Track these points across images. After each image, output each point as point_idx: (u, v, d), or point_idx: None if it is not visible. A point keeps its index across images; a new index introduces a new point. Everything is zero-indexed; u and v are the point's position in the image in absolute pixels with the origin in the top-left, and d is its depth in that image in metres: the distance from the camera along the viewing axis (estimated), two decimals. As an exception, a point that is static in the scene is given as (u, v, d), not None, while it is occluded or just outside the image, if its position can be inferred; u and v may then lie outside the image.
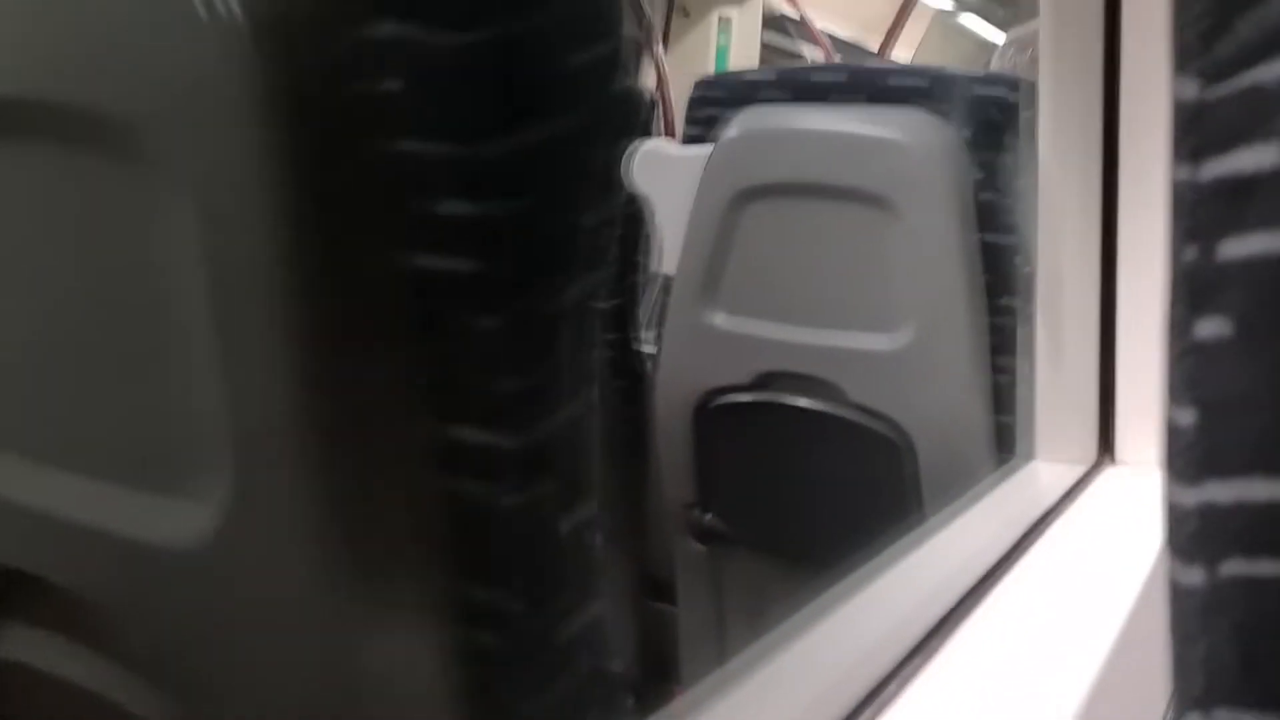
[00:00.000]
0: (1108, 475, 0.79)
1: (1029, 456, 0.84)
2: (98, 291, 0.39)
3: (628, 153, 1.27)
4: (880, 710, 0.42)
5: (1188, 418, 0.28)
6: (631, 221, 1.24)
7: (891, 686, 0.43)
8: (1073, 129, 0.88)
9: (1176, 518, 0.28)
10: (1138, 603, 0.55)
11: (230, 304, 0.36)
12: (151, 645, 0.41)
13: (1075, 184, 0.87)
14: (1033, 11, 0.98)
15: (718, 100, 1.14)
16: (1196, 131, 0.27)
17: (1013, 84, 1.00)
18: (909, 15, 3.28)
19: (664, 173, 1.15)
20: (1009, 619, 0.54)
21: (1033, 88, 0.92)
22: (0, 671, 0.47)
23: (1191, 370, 0.28)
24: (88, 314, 0.40)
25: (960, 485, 0.85)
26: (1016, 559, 0.58)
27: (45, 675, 0.45)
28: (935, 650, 0.49)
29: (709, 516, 1.25)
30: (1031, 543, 0.61)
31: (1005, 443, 1.00)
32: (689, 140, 1.17)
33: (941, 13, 4.00)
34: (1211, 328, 0.27)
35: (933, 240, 1.01)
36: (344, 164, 0.36)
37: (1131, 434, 0.81)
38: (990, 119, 1.00)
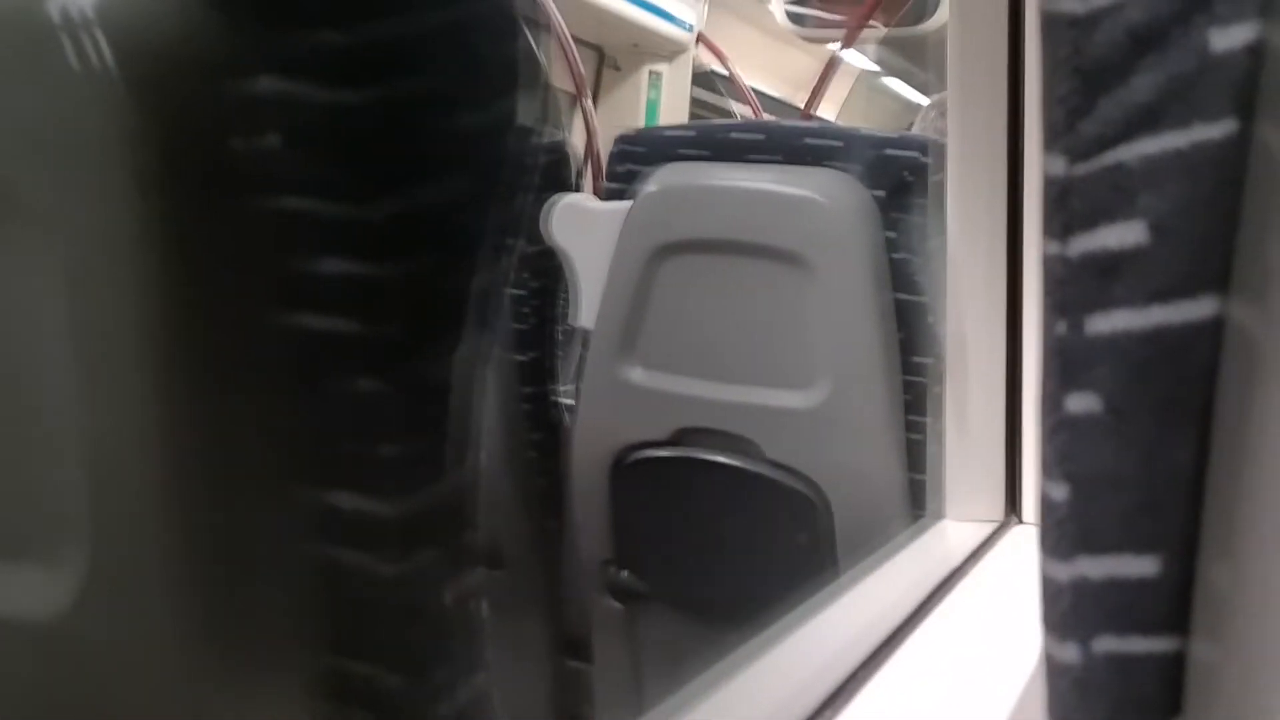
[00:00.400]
0: (1014, 534, 0.80)
1: (939, 515, 0.85)
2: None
3: (546, 206, 1.27)
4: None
5: (1060, 493, 0.28)
6: (550, 275, 1.24)
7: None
8: (979, 193, 0.90)
9: (1051, 593, 0.28)
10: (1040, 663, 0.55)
11: (96, 365, 0.35)
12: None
13: (982, 247, 0.89)
14: (943, 66, 1.00)
15: (637, 156, 1.15)
16: (1065, 208, 0.27)
17: (924, 146, 1.02)
18: (834, 75, 3.35)
19: (583, 227, 1.15)
20: (916, 675, 0.54)
21: (943, 150, 0.94)
22: None
23: (1063, 445, 0.28)
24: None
25: (874, 542, 0.85)
26: (924, 615, 0.58)
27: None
28: (845, 703, 0.49)
29: (625, 574, 1.23)
30: (939, 600, 0.62)
31: (918, 500, 1.00)
32: (609, 195, 1.17)
33: (866, 73, 4.10)
34: (1081, 403, 0.27)
35: (847, 298, 1.02)
36: (221, 220, 0.35)
37: (1037, 494, 0.82)
38: (902, 180, 1.02)
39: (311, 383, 0.35)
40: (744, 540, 1.13)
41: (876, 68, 4.13)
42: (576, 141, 2.76)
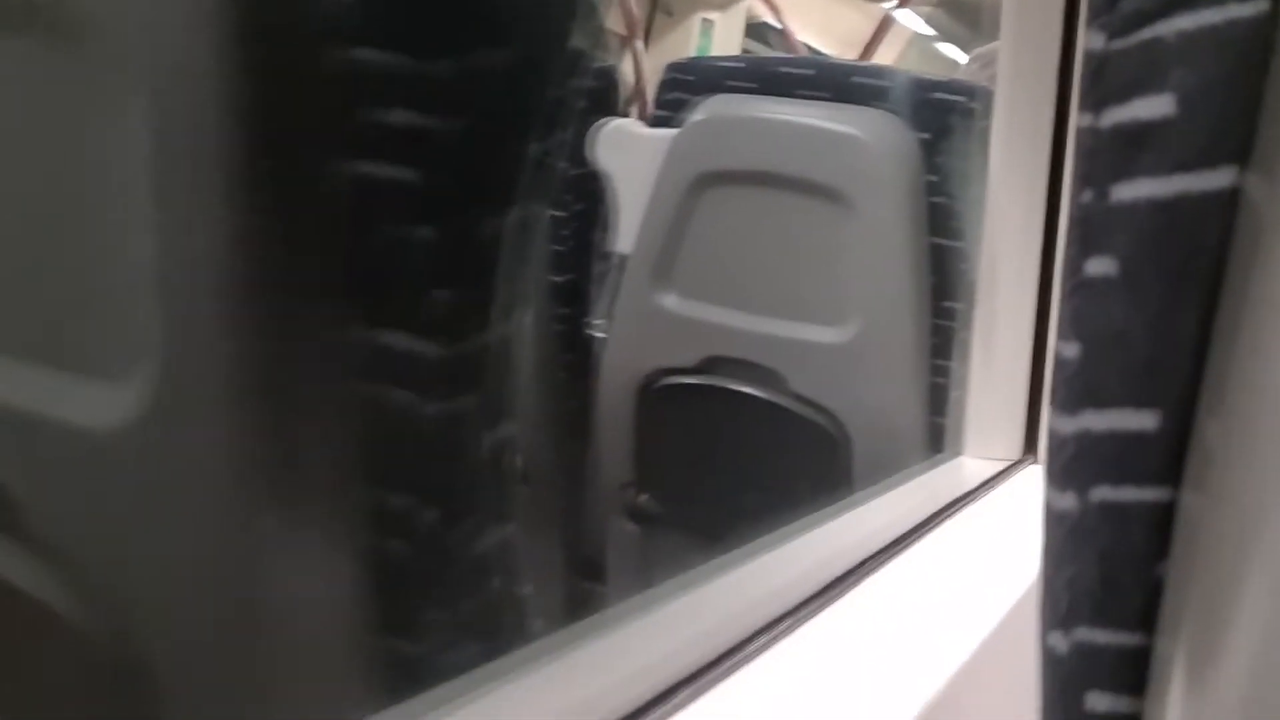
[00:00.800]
0: (1029, 471, 0.81)
1: (957, 452, 0.86)
2: (32, 172, 0.40)
3: (593, 129, 1.28)
4: (768, 646, 0.43)
5: (1072, 351, 0.30)
6: (591, 199, 1.26)
7: (784, 625, 0.44)
8: (1023, 141, 0.91)
9: (1055, 445, 0.30)
10: (1031, 586, 0.56)
11: (168, 193, 0.37)
12: (60, 531, 0.41)
13: (1021, 193, 0.90)
14: (997, 32, 1.00)
15: (687, 84, 1.15)
16: (1100, 82, 0.28)
17: (973, 92, 1.02)
18: (886, 35, 3.32)
19: (629, 151, 1.16)
20: (912, 581, 0.56)
21: (991, 98, 0.95)
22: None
23: (1078, 306, 0.29)
24: (19, 195, 0.40)
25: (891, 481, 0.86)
26: (928, 531, 0.60)
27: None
28: (840, 596, 0.51)
29: (644, 497, 1.26)
30: (945, 520, 0.63)
31: (938, 443, 1.02)
32: (657, 122, 1.18)
33: (919, 36, 4.05)
34: (1099, 267, 0.29)
35: (884, 238, 1.03)
36: (294, 65, 0.37)
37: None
38: (949, 124, 1.02)
39: (372, 227, 0.37)
40: (762, 471, 1.16)
41: (930, 31, 4.08)
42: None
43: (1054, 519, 0.30)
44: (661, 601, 0.46)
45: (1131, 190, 0.28)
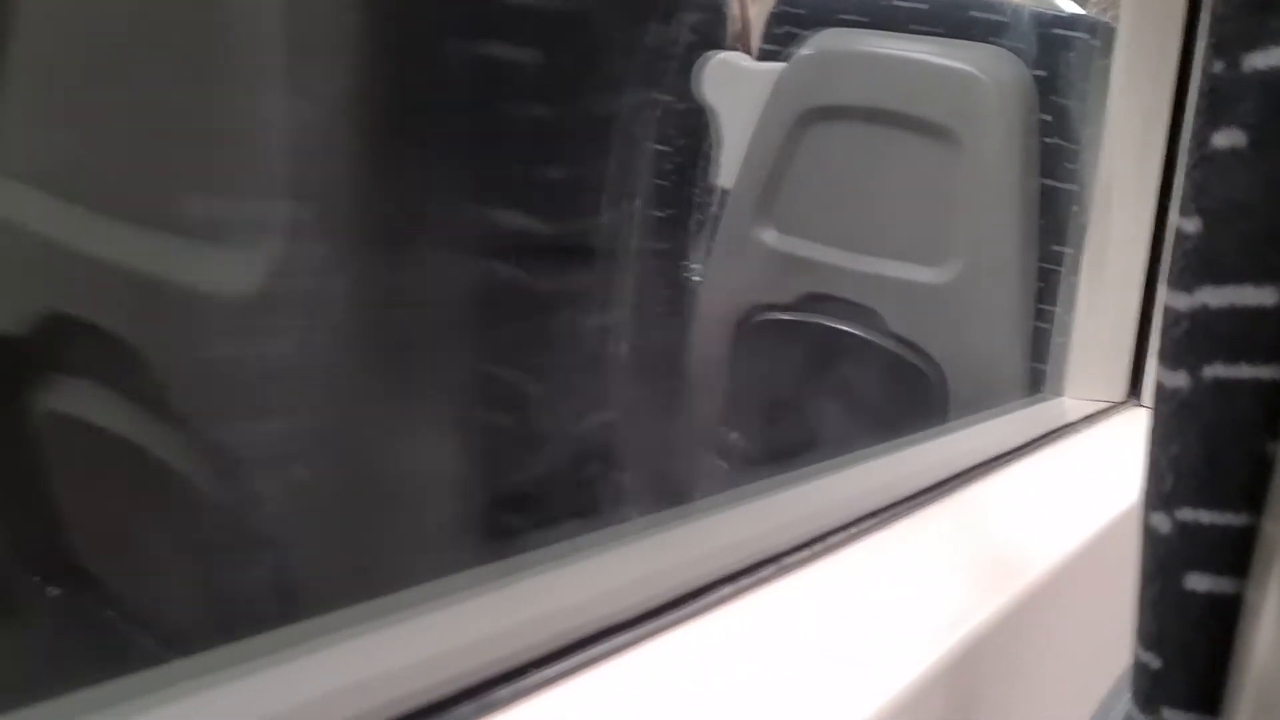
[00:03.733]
0: (1132, 413, 0.80)
1: (1057, 394, 0.85)
2: (162, 40, 0.41)
3: (699, 62, 1.27)
4: (847, 543, 0.43)
5: (1193, 226, 0.29)
6: (695, 135, 1.25)
7: (867, 524, 0.45)
8: (1145, 83, 0.88)
9: (1169, 322, 0.30)
10: (1117, 521, 0.55)
11: (299, 65, 0.38)
12: (191, 397, 0.43)
13: (1140, 135, 0.87)
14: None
15: (796, 18, 1.14)
16: (1235, -53, 0.28)
17: (1094, 28, 0.99)
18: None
19: (734, 86, 1.15)
20: (993, 503, 0.55)
21: (1113, 35, 0.92)
22: (56, 425, 0.49)
23: (1200, 179, 0.29)
24: (153, 66, 0.42)
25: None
26: (1020, 459, 0.60)
27: (94, 429, 0.48)
28: (921, 508, 0.50)
29: (735, 435, 1.26)
30: (1038, 450, 0.63)
31: (1037, 389, 1.00)
32: (764, 56, 1.17)
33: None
34: (1226, 139, 0.28)
35: (994, 179, 1.01)
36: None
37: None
38: (1067, 61, 0.99)
39: (490, 104, 0.38)
40: (856, 411, 1.15)
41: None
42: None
43: (1164, 398, 0.30)
44: (752, 495, 0.47)
45: (1265, 59, 0.27)
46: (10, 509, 0.47)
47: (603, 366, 0.42)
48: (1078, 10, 1.31)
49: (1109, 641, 0.31)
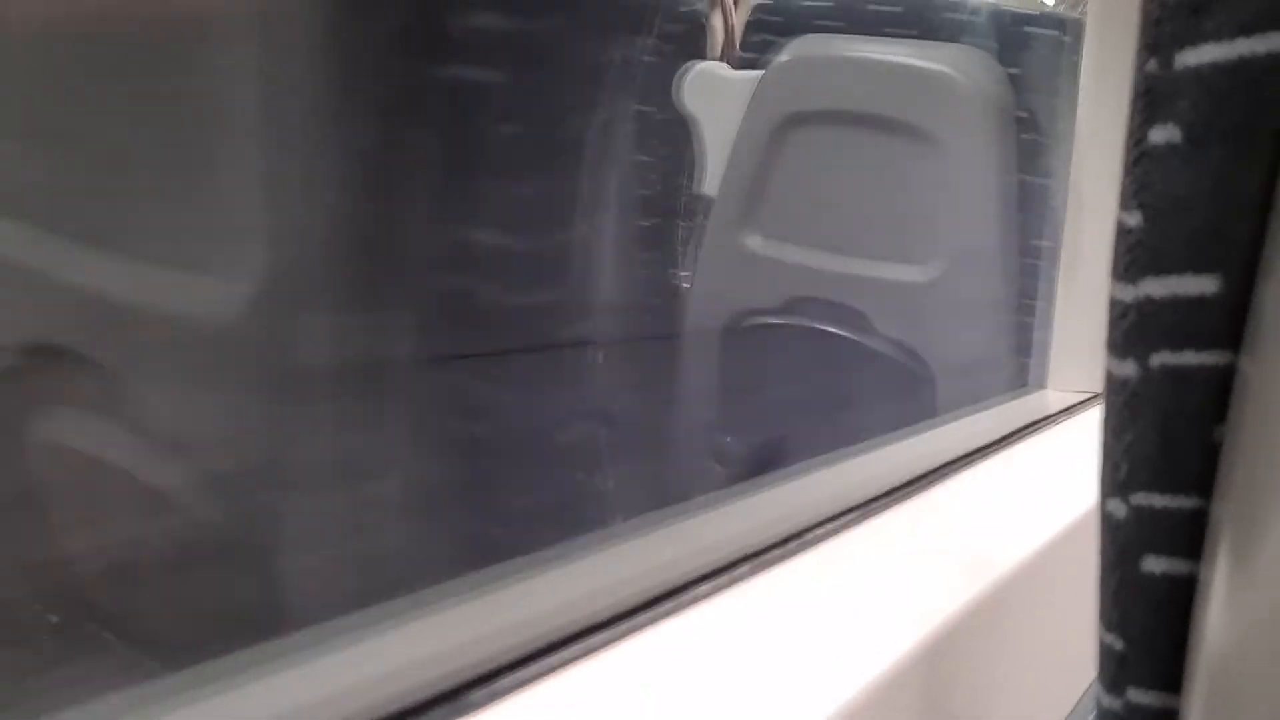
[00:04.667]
0: (1112, 404, 0.81)
1: (1040, 385, 0.86)
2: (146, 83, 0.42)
3: (680, 73, 1.28)
4: (834, 534, 0.44)
5: (1134, 219, 0.30)
6: (678, 145, 1.26)
7: (852, 516, 0.46)
8: (1114, 74, 0.89)
9: (1116, 314, 0.31)
10: (1093, 510, 0.55)
11: (278, 95, 0.39)
12: (175, 417, 0.44)
13: (1110, 128, 0.88)
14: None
15: (773, 26, 1.15)
16: (1163, -49, 0.29)
17: (1064, 25, 1.01)
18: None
19: (715, 94, 1.16)
20: (977, 492, 0.56)
21: (1083, 30, 0.93)
22: (50, 455, 0.50)
23: (1141, 175, 0.30)
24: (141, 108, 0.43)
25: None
26: (997, 450, 0.60)
27: (84, 456, 0.49)
28: (906, 500, 0.51)
29: (730, 439, 1.27)
30: (1016, 441, 0.63)
31: (1023, 383, 1.01)
32: (743, 65, 1.19)
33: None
34: (1162, 134, 0.29)
35: (972, 176, 1.02)
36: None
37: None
38: (1040, 59, 1.01)
39: (460, 126, 0.39)
40: (847, 413, 1.16)
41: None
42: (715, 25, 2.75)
43: (1114, 387, 0.31)
44: (734, 495, 0.48)
45: (1196, 56, 0.28)
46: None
47: (581, 375, 0.43)
48: (1050, 7, 1.33)
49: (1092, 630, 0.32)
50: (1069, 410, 0.75)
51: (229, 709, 0.26)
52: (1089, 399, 0.80)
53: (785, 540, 0.41)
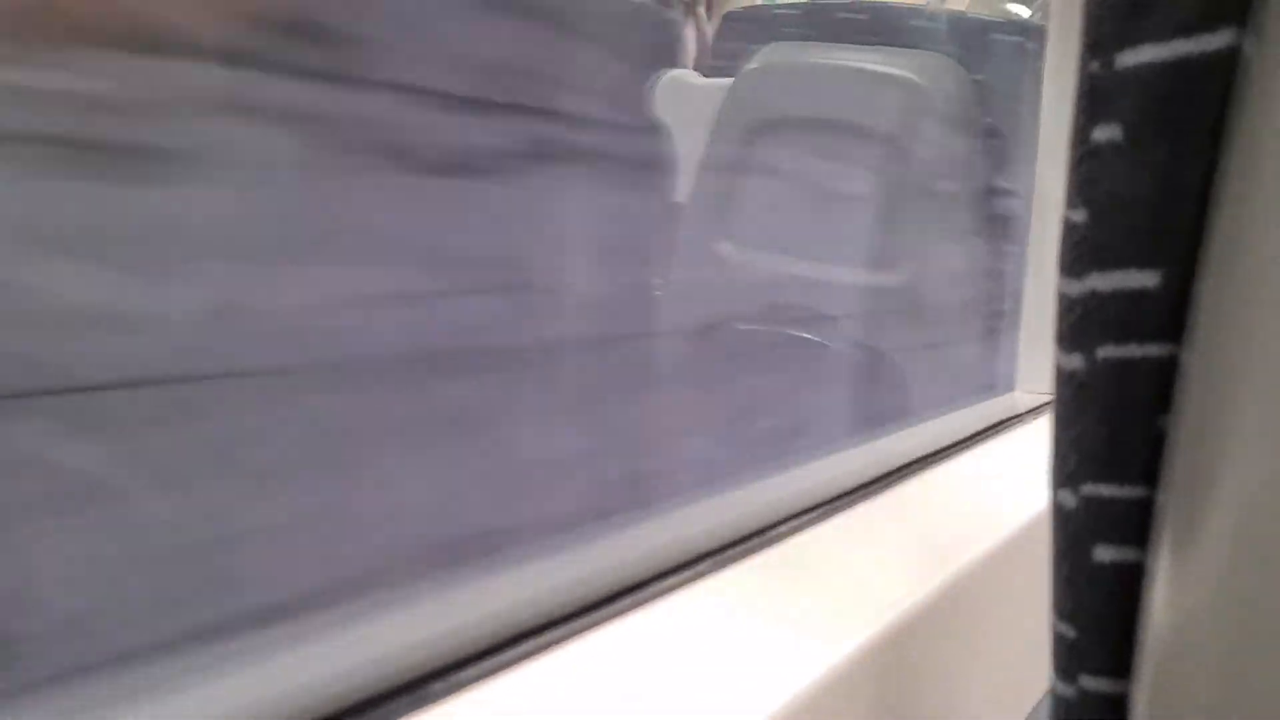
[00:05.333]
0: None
1: (1009, 388, 0.87)
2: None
3: (652, 81, 1.28)
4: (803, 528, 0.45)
5: (1080, 216, 0.31)
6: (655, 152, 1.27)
7: (820, 511, 0.46)
8: (1073, 81, 0.90)
9: (1063, 308, 0.32)
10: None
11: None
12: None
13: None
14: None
15: (744, 33, 1.16)
16: (1104, -48, 0.30)
17: (1028, 32, 1.02)
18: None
19: (685, 102, 1.17)
20: (944, 489, 0.56)
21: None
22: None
23: (1086, 174, 0.31)
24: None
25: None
26: (965, 449, 0.61)
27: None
28: (876, 495, 0.52)
29: (704, 444, 1.28)
30: (984, 440, 0.64)
31: (994, 385, 1.02)
32: (714, 73, 1.20)
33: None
34: (1105, 133, 0.30)
35: (940, 182, 1.03)
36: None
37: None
38: (1006, 65, 1.02)
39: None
40: (822, 420, 1.17)
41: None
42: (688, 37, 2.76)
43: (1062, 380, 0.32)
44: (707, 492, 0.48)
45: (1135, 56, 0.29)
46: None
47: (545, 386, 0.44)
48: (1020, 14, 1.34)
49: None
50: (1035, 411, 0.76)
51: (183, 708, 0.26)
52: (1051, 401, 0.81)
53: (748, 537, 0.41)
